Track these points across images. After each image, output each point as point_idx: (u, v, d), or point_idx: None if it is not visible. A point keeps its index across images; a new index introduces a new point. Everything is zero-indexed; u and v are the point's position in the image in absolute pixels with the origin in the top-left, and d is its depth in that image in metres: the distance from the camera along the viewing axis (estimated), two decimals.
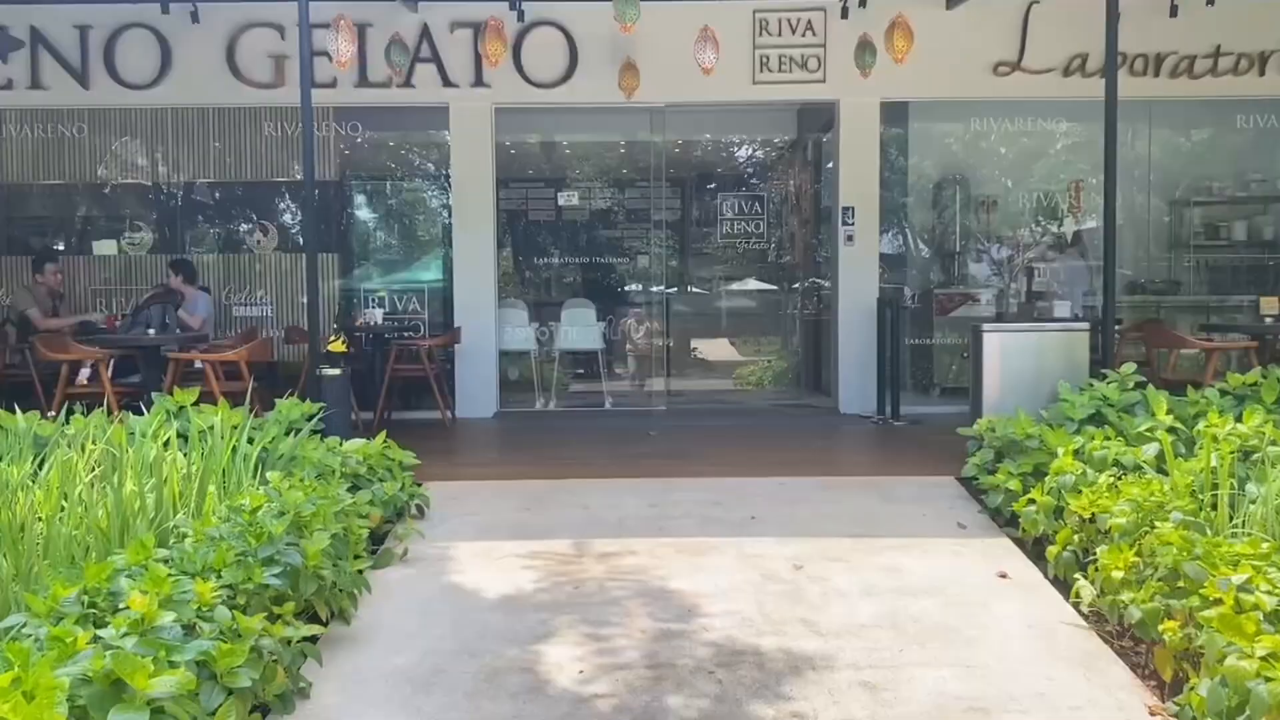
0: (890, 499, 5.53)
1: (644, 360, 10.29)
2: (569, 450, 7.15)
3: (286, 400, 5.69)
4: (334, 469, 4.80)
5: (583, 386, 10.19)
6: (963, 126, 9.58)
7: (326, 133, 8.98)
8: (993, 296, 9.69)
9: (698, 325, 11.24)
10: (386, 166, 9.77)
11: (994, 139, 9.55)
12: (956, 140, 9.90)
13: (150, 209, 9.20)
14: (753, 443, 7.39)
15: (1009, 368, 5.99)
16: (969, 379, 9.63)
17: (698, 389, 10.64)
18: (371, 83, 8.75)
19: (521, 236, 10.28)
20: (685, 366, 10.83)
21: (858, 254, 8.88)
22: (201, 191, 9.25)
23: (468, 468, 6.42)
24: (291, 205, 9.22)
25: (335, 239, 9.40)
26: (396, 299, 9.15)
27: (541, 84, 8.79)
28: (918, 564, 4.57)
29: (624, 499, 5.50)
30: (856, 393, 8.85)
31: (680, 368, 10.62)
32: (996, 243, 9.89)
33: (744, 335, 11.57)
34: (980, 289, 9.72)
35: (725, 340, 11.78)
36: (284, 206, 9.13)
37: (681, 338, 10.94)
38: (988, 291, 9.73)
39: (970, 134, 9.63)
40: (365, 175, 9.58)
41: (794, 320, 11.17)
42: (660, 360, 9.84)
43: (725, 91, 8.75)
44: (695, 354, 11.27)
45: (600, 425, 8.49)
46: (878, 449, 7.21)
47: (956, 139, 9.87)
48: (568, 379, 10.22)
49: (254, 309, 9.02)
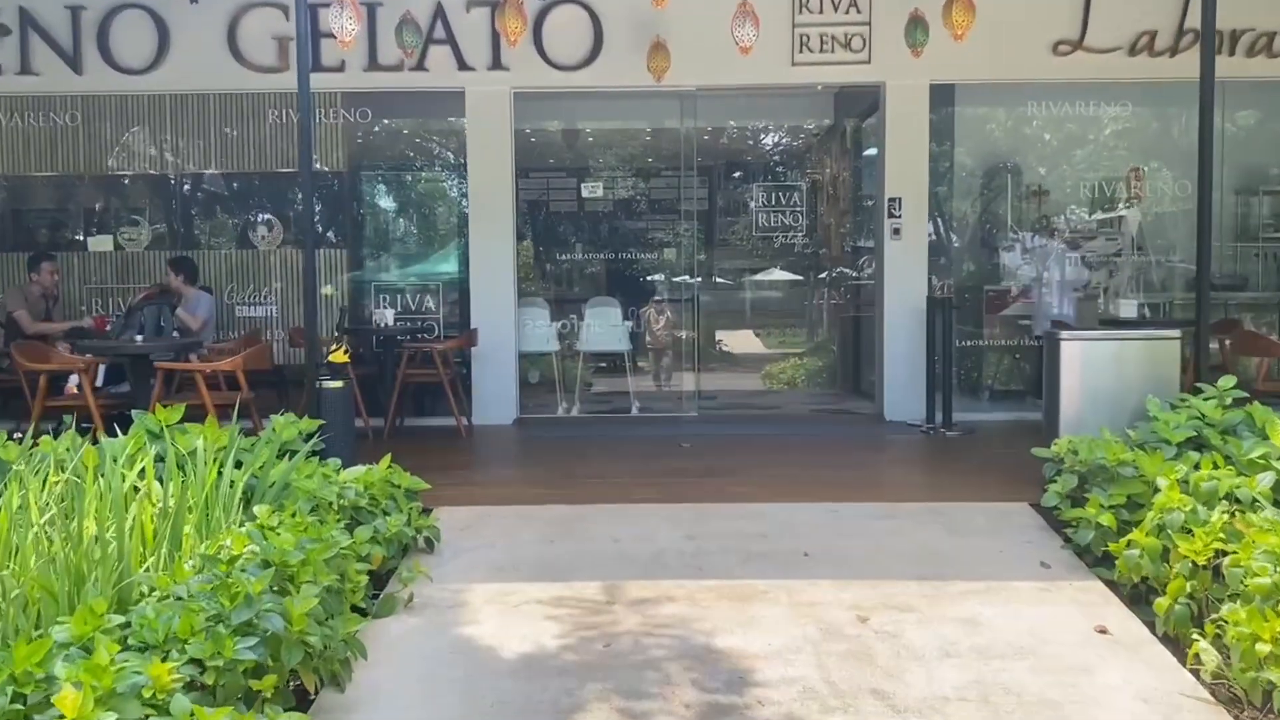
0: (958, 530, 4.91)
1: (673, 361, 9.68)
2: (594, 465, 6.56)
3: (282, 417, 5.12)
4: (330, 502, 4.22)
5: (608, 389, 9.59)
6: (1016, 111, 8.89)
7: (334, 120, 8.40)
8: (1047, 293, 9.02)
9: (729, 323, 10.60)
10: (399, 155, 9.18)
11: (1049, 124, 8.85)
12: (1008, 126, 9.22)
13: (148, 202, 8.66)
14: (794, 457, 6.78)
15: (1089, 380, 5.34)
16: (1037, 389, 8.96)
17: (731, 392, 10.01)
18: (382, 66, 8.16)
19: (542, 230, 9.66)
20: (717, 368, 10.20)
21: (905, 248, 8.23)
22: (203, 183, 8.71)
23: (483, 488, 5.84)
24: (300, 197, 8.65)
25: (344, 233, 8.83)
26: (410, 297, 8.57)
27: (564, 66, 8.17)
28: (1000, 615, 3.95)
29: (657, 529, 4.90)
30: (903, 398, 8.22)
31: (711, 369, 10.00)
32: (1050, 235, 9.20)
33: (779, 334, 10.93)
34: (1033, 285, 9.05)
35: (759, 340, 11.14)
36: (291, 199, 8.56)
37: (712, 337, 10.32)
38: (1041, 287, 9.06)
39: (1024, 119, 8.93)
40: (376, 165, 9.00)
41: (832, 318, 10.53)
42: (690, 361, 9.22)
43: (761, 74, 8.11)
44: (727, 354, 10.63)
45: (627, 434, 7.89)
46: (934, 466, 6.57)
47: (1008, 124, 9.18)
48: (592, 382, 9.63)
49: (259, 309, 8.46)
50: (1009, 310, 9.16)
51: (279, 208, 8.63)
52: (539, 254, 9.61)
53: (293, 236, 8.55)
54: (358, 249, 8.85)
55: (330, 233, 8.74)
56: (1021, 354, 9.09)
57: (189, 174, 8.63)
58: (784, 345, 10.97)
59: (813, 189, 9.94)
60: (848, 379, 10.46)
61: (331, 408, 5.28)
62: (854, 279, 10.10)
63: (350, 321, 8.41)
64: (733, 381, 10.41)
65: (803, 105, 10.47)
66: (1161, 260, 9.07)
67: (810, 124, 10.75)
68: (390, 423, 7.66)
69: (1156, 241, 8.90)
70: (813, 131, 10.76)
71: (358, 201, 8.93)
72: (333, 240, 8.71)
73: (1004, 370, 9.32)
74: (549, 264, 9.64)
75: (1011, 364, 9.28)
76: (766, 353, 11.01)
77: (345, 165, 8.57)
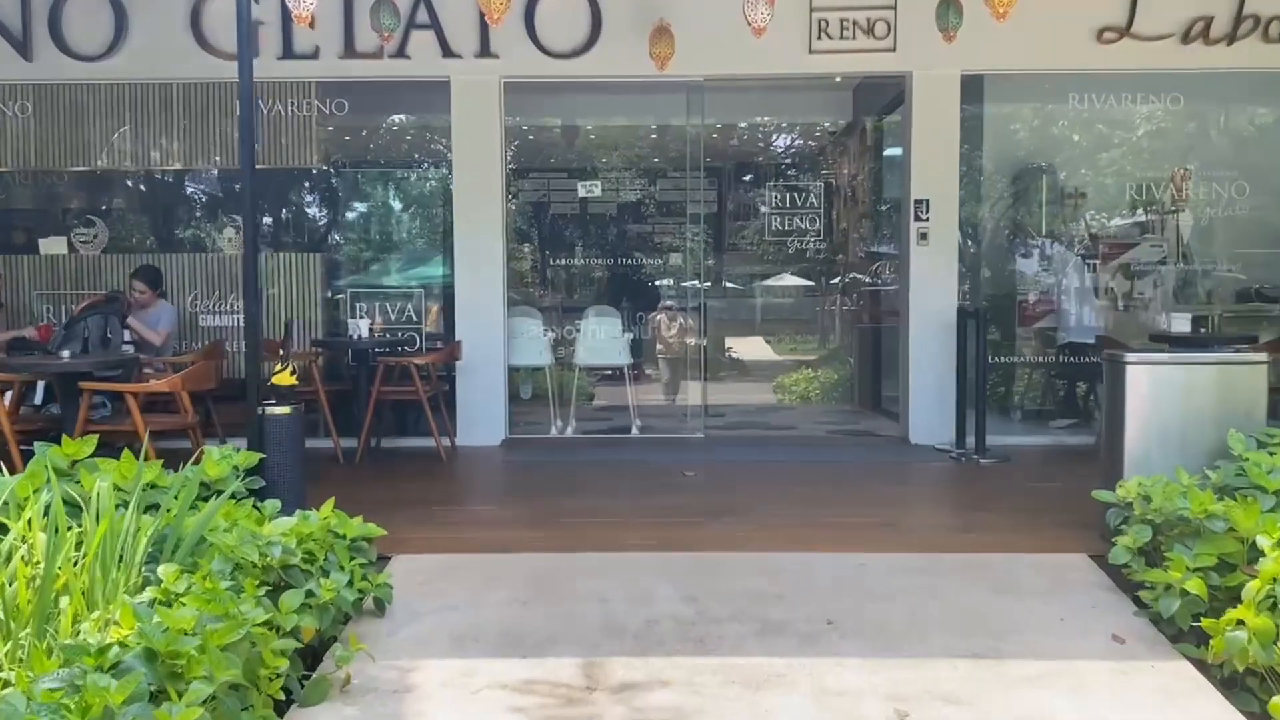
0: (1008, 589, 4.14)
1: (677, 377, 8.95)
2: (585, 498, 5.81)
3: (221, 447, 4.39)
4: (253, 562, 3.48)
5: (606, 406, 8.87)
6: (1053, 105, 8.13)
7: (307, 112, 7.67)
8: (1086, 305, 8.26)
9: (738, 336, 9.88)
10: (379, 151, 8.47)
11: (1090, 119, 8.09)
12: (1044, 121, 8.47)
13: (105, 201, 7.96)
14: (811, 488, 6.02)
15: (1160, 410, 4.57)
16: (1074, 409, 8.32)
17: (740, 407, 9.27)
18: (359, 53, 7.45)
19: (535, 233, 8.93)
20: (725, 384, 9.46)
21: (932, 255, 7.47)
22: (165, 181, 8.01)
23: (454, 528, 5.10)
24: (272, 196, 7.96)
25: (318, 236, 8.11)
26: (389, 306, 7.85)
27: (558, 53, 7.44)
28: (1071, 709, 3.20)
29: (653, 586, 4.15)
30: (930, 420, 7.46)
31: (719, 383, 9.26)
32: (1089, 241, 8.44)
33: (792, 348, 10.19)
34: (1071, 295, 8.29)
35: (771, 352, 10.41)
36: (260, 198, 7.82)
37: (720, 350, 9.59)
38: (1079, 298, 8.30)
39: (1062, 114, 8.18)
40: (353, 162, 8.29)
41: (850, 329, 9.79)
42: (696, 377, 8.47)
43: (775, 62, 7.38)
44: (736, 367, 9.90)
45: (626, 458, 7.14)
46: (972, 503, 5.78)
47: (1044, 120, 8.43)
48: (589, 398, 8.90)
49: (224, 318, 7.73)
50: (1042, 323, 8.42)
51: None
52: (531, 259, 8.88)
53: (265, 239, 7.85)
54: (333, 253, 8.12)
55: (303, 236, 8.03)
56: (1057, 370, 8.33)
57: (150, 170, 7.92)
58: (797, 357, 10.23)
59: (829, 190, 9.18)
60: (866, 395, 9.71)
61: (276, 438, 4.55)
62: (874, 287, 9.36)
63: (324, 333, 7.69)
64: (742, 396, 9.69)
65: (820, 99, 9.76)
66: (1209, 268, 8.31)
67: (827, 120, 10.02)
68: (363, 445, 6.93)
69: (1208, 248, 8.13)
70: (829, 129, 10.03)
71: (333, 202, 8.22)
72: (305, 244, 8.00)
73: (1037, 388, 8.55)
74: (543, 270, 8.90)
75: (1045, 381, 8.52)
76: (779, 366, 10.26)
77: (319, 162, 7.84)
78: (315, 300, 7.72)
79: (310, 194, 8.06)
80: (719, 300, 9.77)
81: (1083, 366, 8.00)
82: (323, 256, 7.86)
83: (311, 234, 8.07)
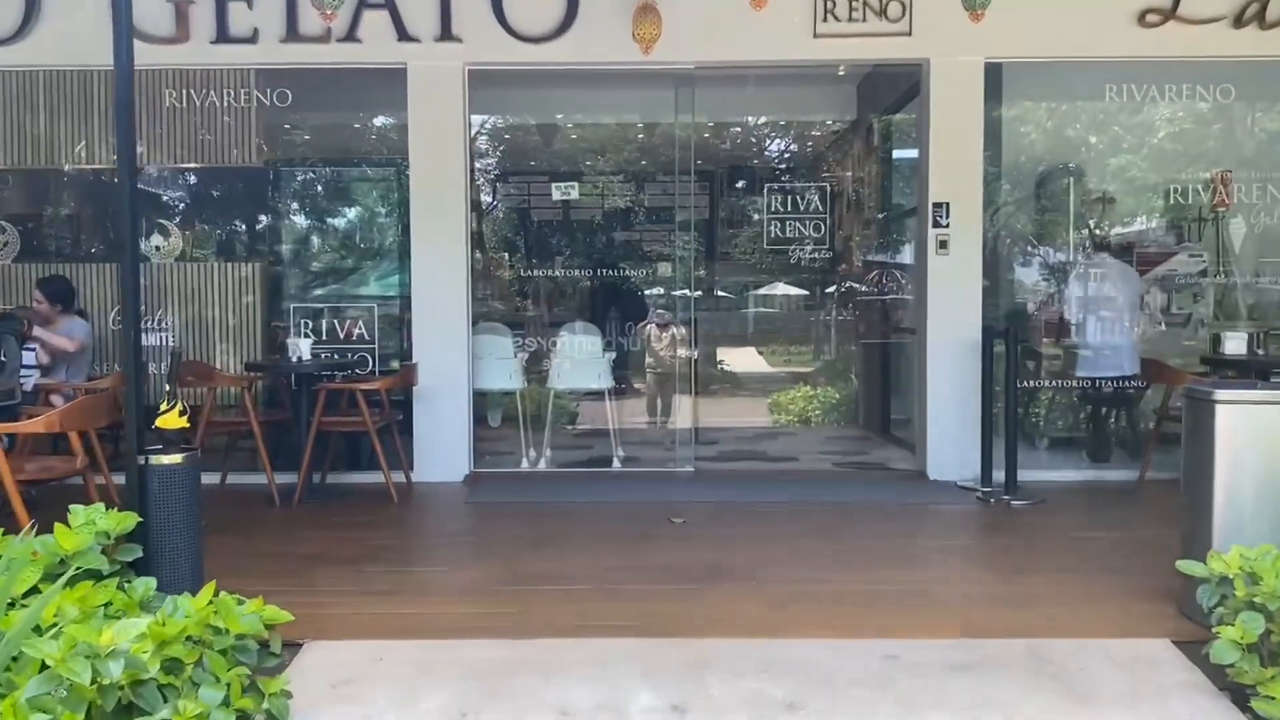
0: (1081, 692, 3.26)
1: (666, 396, 8.06)
2: (553, 555, 4.90)
3: (86, 509, 3.49)
4: (87, 678, 2.57)
5: (587, 432, 7.99)
6: (1086, 97, 7.28)
7: (245, 103, 6.78)
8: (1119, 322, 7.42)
9: (732, 352, 9.00)
10: (326, 149, 7.56)
11: (1127, 113, 7.25)
12: (1071, 114, 7.63)
13: (12, 203, 7.04)
14: (822, 541, 5.13)
15: (1260, 462, 3.70)
16: (1101, 439, 7.45)
17: (734, 434, 8.40)
18: (304, 36, 6.57)
19: (505, 242, 8.05)
20: (717, 405, 8.58)
21: (953, 266, 6.61)
22: (82, 180, 7.10)
23: (390, 599, 4.18)
24: (203, 198, 7.06)
25: (257, 244, 7.20)
26: (338, 324, 6.93)
27: (530, 37, 6.58)
28: None
29: (630, 692, 3.25)
30: (950, 452, 6.60)
31: (711, 407, 8.39)
32: (1123, 251, 7.60)
33: (788, 362, 9.34)
34: (1105, 311, 7.44)
35: (768, 371, 9.55)
36: (191, 200, 6.96)
37: (712, 369, 8.72)
38: (1113, 314, 7.45)
39: (1092, 106, 7.34)
40: (298, 160, 7.38)
41: (854, 346, 8.94)
42: (686, 402, 7.59)
43: (775, 48, 6.55)
44: (730, 389, 9.03)
45: (605, 499, 6.25)
46: (1014, 563, 4.83)
47: (1076, 114, 7.59)
48: (570, 419, 8.01)
49: (150, 335, 6.82)
50: (1072, 340, 7.57)
51: (176, 211, 7.01)
52: (501, 271, 7.97)
53: (195, 247, 6.95)
54: (274, 264, 7.20)
55: (240, 244, 7.12)
56: (1087, 394, 7.46)
57: (65, 169, 7.01)
58: (795, 370, 9.37)
59: (830, 195, 8.30)
60: (873, 418, 8.86)
61: (162, 495, 3.64)
62: (880, 299, 8.52)
63: (262, 354, 6.79)
64: (736, 419, 8.82)
65: (820, 95, 8.93)
66: (1256, 281, 7.47)
67: (829, 118, 9.19)
68: (302, 484, 6.03)
69: (1259, 258, 7.28)
70: (832, 127, 9.19)
71: (275, 205, 7.29)
72: (243, 253, 7.09)
73: (1065, 414, 7.69)
74: (514, 283, 7.98)
75: (1072, 406, 7.66)
76: (776, 385, 9.39)
77: (259, 160, 6.92)
78: (254, 317, 6.81)
79: (248, 196, 7.15)
80: (710, 313, 8.92)
81: (1121, 393, 7.16)
82: (262, 267, 6.94)
83: (250, 242, 7.16)
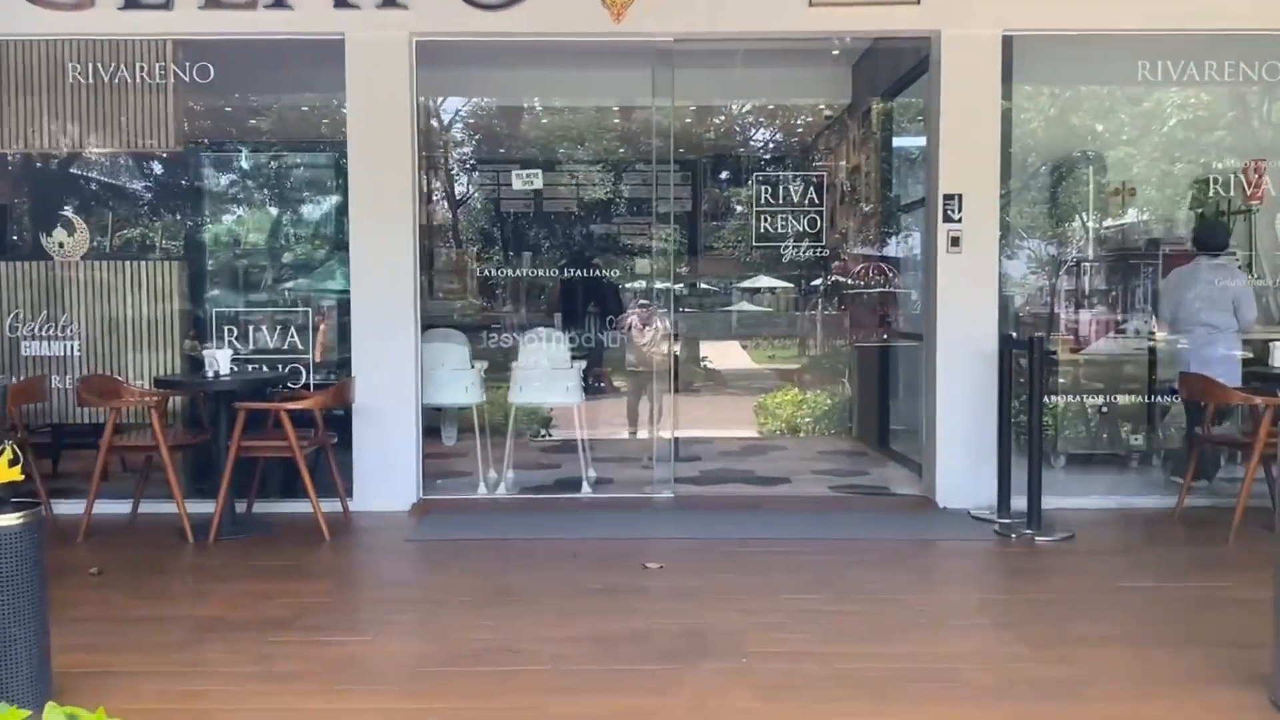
0: None
1: (641, 411, 7.28)
2: (503, 620, 4.05)
3: None
4: None
5: (554, 447, 7.19)
6: (1111, 74, 6.53)
7: (161, 79, 5.91)
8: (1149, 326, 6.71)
9: (716, 360, 8.22)
10: (254, 131, 6.71)
11: (1154, 95, 6.51)
12: (1092, 97, 6.89)
13: None
14: (823, 594, 4.33)
15: None
16: (1118, 456, 6.65)
17: (718, 451, 7.63)
18: (226, 3, 5.74)
19: (460, 237, 7.21)
20: (700, 419, 7.80)
21: (967, 265, 5.82)
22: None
23: (291, 687, 3.35)
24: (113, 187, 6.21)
25: (175, 240, 6.35)
26: (267, 331, 6.08)
27: (486, 3, 5.76)
28: None
29: None
30: (961, 475, 5.84)
31: (693, 421, 7.61)
32: (1148, 249, 6.88)
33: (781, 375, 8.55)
34: (1134, 313, 6.72)
35: (752, 377, 8.77)
36: (100, 190, 6.10)
37: (694, 378, 7.93)
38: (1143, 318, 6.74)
39: (1116, 87, 6.60)
40: (221, 143, 6.53)
41: (849, 350, 8.18)
42: (666, 410, 6.80)
43: (766, 17, 5.77)
44: (713, 402, 8.24)
45: (571, 533, 5.42)
46: (1054, 628, 3.90)
47: (1099, 94, 6.85)
48: (534, 439, 7.22)
49: (54, 344, 5.96)
50: (1094, 348, 6.85)
51: (86, 203, 6.14)
52: (455, 272, 7.13)
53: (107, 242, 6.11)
54: (195, 262, 6.33)
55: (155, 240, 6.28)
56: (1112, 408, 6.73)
57: None
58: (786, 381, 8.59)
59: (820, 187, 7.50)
60: (869, 429, 8.11)
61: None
62: (880, 300, 7.78)
63: (182, 365, 5.95)
64: (721, 431, 8.03)
65: (812, 77, 8.16)
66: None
67: (821, 101, 8.42)
68: (218, 519, 5.19)
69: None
70: (823, 112, 8.41)
71: (195, 195, 6.44)
72: (158, 250, 6.24)
73: (1082, 430, 6.95)
74: (470, 283, 7.14)
75: (1094, 421, 6.92)
76: (765, 395, 8.62)
77: (178, 144, 6.06)
78: (171, 323, 5.96)
79: (166, 186, 6.30)
80: (692, 314, 8.16)
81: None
82: (180, 266, 6.07)
83: (168, 237, 6.32)
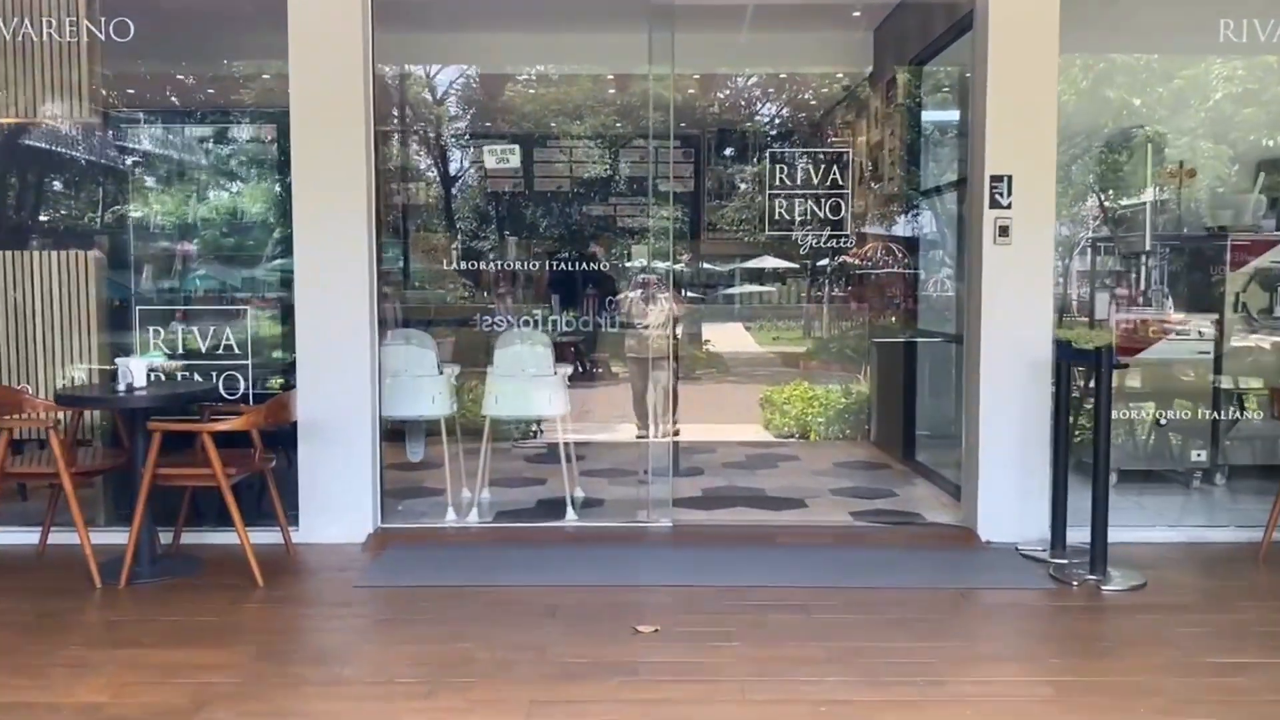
0: None
1: (647, 412, 6.46)
2: (453, 713, 3.24)
3: None
4: None
5: (534, 466, 6.36)
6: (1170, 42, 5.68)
7: (73, 38, 5.04)
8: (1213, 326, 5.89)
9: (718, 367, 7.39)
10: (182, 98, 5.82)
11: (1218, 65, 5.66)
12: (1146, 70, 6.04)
13: None
14: (856, 682, 3.49)
15: None
16: (1175, 474, 5.82)
17: (720, 463, 6.80)
18: None
19: (423, 224, 6.34)
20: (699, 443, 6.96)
21: (1017, 259, 4.95)
22: None
23: None
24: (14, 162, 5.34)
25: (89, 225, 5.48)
26: (197, 333, 5.22)
27: None
28: None
29: None
30: (1007, 505, 5.01)
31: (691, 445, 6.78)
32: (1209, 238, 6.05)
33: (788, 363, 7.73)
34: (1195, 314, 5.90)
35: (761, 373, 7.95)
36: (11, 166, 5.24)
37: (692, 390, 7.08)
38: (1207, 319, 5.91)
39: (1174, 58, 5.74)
40: (145, 115, 5.63)
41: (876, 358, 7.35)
42: (659, 433, 5.97)
43: None
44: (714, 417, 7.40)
45: (550, 579, 4.57)
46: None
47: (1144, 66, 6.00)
48: (510, 454, 6.40)
49: None
50: (1151, 351, 6.01)
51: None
52: (417, 265, 6.26)
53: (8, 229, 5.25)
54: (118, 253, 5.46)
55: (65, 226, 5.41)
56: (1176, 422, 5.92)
57: None
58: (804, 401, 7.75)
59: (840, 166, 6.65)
60: (893, 436, 7.27)
61: None
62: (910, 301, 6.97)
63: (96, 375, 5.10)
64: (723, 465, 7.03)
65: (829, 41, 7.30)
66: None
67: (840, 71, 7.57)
68: (130, 559, 4.36)
69: None
70: (842, 82, 7.55)
71: (113, 173, 5.56)
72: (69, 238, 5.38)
73: (1138, 444, 6.14)
74: (436, 281, 6.27)
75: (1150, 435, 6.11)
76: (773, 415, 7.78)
77: (92, 112, 5.18)
78: (82, 324, 5.11)
79: (77, 162, 5.43)
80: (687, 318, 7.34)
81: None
82: (95, 257, 5.20)
83: (80, 221, 5.45)
